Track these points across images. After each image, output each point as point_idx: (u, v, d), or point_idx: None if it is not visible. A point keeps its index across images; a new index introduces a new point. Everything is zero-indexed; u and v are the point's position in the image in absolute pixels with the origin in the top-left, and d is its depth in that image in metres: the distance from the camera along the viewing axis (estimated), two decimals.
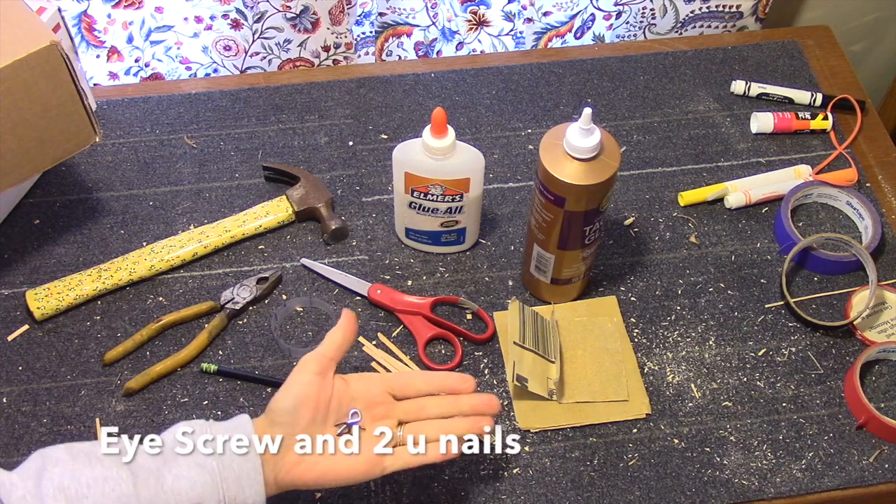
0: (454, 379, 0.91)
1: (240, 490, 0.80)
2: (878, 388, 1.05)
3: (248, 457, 0.81)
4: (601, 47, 1.37)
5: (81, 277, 1.08)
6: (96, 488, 0.76)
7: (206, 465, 0.80)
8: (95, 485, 0.76)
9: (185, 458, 0.80)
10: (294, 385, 0.84)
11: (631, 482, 0.98)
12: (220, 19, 1.29)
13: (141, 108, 1.26)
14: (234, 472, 0.80)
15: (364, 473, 0.85)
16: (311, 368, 0.85)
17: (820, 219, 1.19)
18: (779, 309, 1.11)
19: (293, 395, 0.84)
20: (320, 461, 0.84)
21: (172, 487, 0.78)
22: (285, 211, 1.14)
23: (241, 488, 0.80)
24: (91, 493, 0.76)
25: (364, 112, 1.27)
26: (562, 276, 1.06)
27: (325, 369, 0.86)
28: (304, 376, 0.85)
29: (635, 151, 1.25)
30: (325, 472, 0.84)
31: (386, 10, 1.36)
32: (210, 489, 0.79)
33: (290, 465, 0.83)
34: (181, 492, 0.78)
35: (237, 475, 0.80)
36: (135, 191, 1.18)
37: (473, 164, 1.04)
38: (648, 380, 1.05)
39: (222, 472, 0.80)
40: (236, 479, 0.80)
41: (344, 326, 0.88)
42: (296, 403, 0.83)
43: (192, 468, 0.79)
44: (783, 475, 0.99)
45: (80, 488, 0.76)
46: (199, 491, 0.79)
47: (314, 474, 0.83)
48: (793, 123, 1.26)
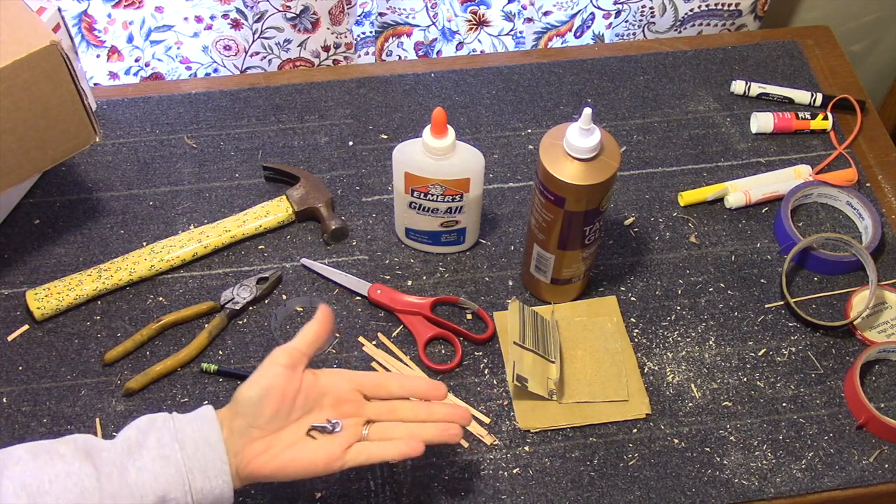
0: (426, 385, 0.90)
1: (206, 481, 0.79)
2: (878, 388, 1.05)
3: (213, 447, 0.80)
4: (601, 47, 1.37)
5: (81, 277, 1.08)
6: (59, 484, 0.76)
7: (170, 457, 0.79)
8: (58, 480, 0.76)
9: (148, 450, 0.79)
10: (262, 376, 0.83)
11: (631, 482, 0.98)
12: (220, 19, 1.29)
13: (141, 108, 1.26)
14: (199, 462, 0.79)
15: (324, 467, 0.84)
16: (281, 360, 0.84)
17: (820, 219, 1.19)
18: (779, 309, 1.11)
19: (260, 386, 0.83)
20: (281, 454, 0.83)
21: (136, 481, 0.77)
22: (285, 211, 1.14)
23: (207, 479, 0.79)
24: (53, 488, 0.75)
25: (364, 112, 1.27)
26: (562, 276, 1.06)
27: (295, 363, 0.85)
28: (272, 368, 0.84)
29: (635, 151, 1.25)
30: (285, 464, 0.83)
31: (386, 10, 1.36)
32: (175, 481, 0.78)
33: (250, 457, 0.82)
34: (145, 485, 0.77)
35: (202, 466, 0.79)
36: (135, 191, 1.18)
37: (473, 164, 1.04)
38: (648, 380, 1.05)
39: (187, 464, 0.79)
40: (202, 469, 0.79)
41: (319, 321, 0.87)
42: (261, 394, 0.82)
43: (156, 461, 0.79)
44: (783, 475, 0.99)
45: (42, 485, 0.75)
46: (164, 483, 0.78)
47: (274, 466, 0.83)
48: (793, 123, 1.26)
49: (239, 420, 0.82)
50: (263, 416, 0.82)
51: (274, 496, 0.96)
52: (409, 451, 0.85)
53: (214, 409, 0.83)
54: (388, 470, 0.98)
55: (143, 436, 0.80)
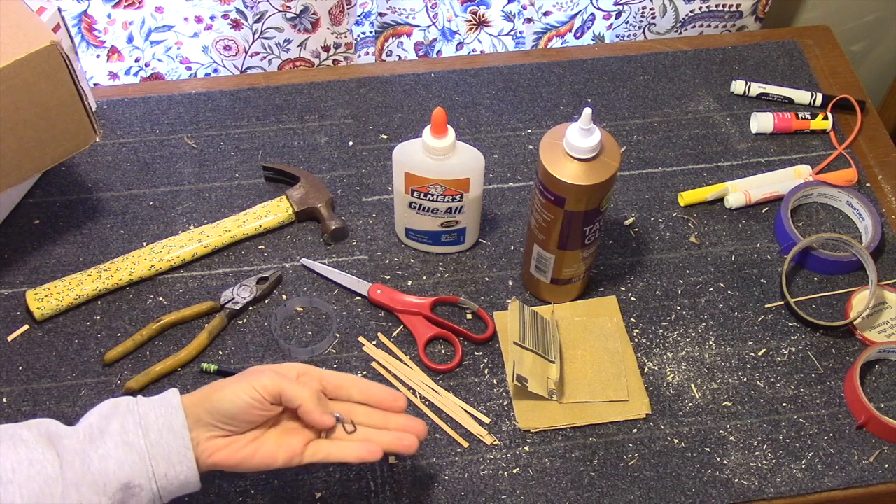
0: (387, 394, 0.87)
1: (170, 467, 0.79)
2: (878, 388, 1.05)
3: (176, 434, 0.79)
4: (601, 47, 1.37)
5: (81, 277, 1.08)
6: (21, 472, 0.75)
7: (133, 444, 0.78)
8: (20, 468, 0.75)
9: (111, 437, 0.78)
10: (245, 399, 0.81)
11: (631, 482, 0.98)
12: (220, 19, 1.29)
13: (141, 108, 1.26)
14: (162, 449, 0.79)
15: (284, 462, 0.83)
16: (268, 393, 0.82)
17: (820, 219, 1.19)
18: (779, 309, 1.11)
19: (238, 406, 0.81)
20: (243, 448, 0.82)
21: (99, 468, 0.77)
22: (285, 211, 1.14)
23: (171, 465, 0.79)
24: (16, 477, 0.75)
25: (364, 112, 1.27)
26: (562, 276, 1.06)
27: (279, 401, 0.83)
28: (259, 398, 0.81)
29: (635, 151, 1.25)
30: (246, 458, 0.82)
31: (386, 10, 1.36)
32: (139, 468, 0.78)
33: (213, 450, 0.81)
34: (108, 472, 0.77)
35: (166, 452, 0.79)
36: (135, 191, 1.18)
37: (473, 164, 1.04)
38: (648, 380, 1.05)
39: (151, 451, 0.78)
40: (165, 456, 0.79)
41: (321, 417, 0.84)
42: (236, 413, 0.81)
43: (119, 447, 0.78)
44: (783, 475, 0.99)
45: (5, 473, 0.75)
46: (128, 470, 0.77)
47: (236, 460, 0.82)
48: (793, 123, 1.26)
49: (206, 417, 0.81)
50: (233, 426, 0.82)
51: (274, 496, 0.96)
52: (367, 456, 0.84)
53: (180, 394, 0.82)
54: (388, 470, 0.98)
55: (106, 422, 0.80)
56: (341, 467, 0.97)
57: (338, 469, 0.97)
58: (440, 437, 1.00)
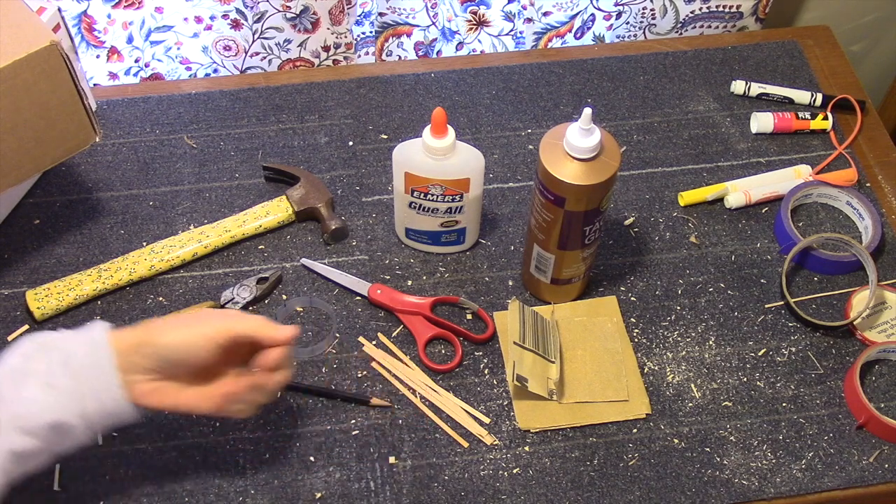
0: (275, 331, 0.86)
1: (100, 405, 0.78)
2: (878, 388, 1.05)
3: (105, 372, 0.78)
4: (601, 47, 1.37)
5: (81, 277, 1.08)
6: None
7: (58, 384, 0.77)
8: None
9: (36, 378, 0.77)
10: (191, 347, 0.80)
11: (631, 482, 0.98)
12: (220, 19, 1.29)
13: (141, 108, 1.26)
14: (90, 388, 0.78)
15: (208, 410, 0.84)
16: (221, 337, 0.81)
17: (820, 219, 1.19)
18: (779, 309, 1.11)
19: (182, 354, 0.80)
20: (170, 393, 0.82)
21: (27, 411, 0.76)
22: (285, 211, 1.14)
23: (101, 402, 0.78)
24: None
25: (364, 112, 1.27)
26: (562, 276, 1.06)
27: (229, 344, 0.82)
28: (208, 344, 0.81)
29: (635, 151, 1.25)
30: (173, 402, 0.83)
31: (386, 10, 1.36)
32: (68, 406, 0.77)
33: (138, 393, 0.81)
34: (34, 414, 0.76)
35: (94, 389, 0.78)
36: (135, 191, 1.18)
37: (473, 164, 1.04)
38: (648, 380, 1.05)
39: (79, 389, 0.77)
40: (94, 395, 0.78)
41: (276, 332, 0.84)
42: (185, 359, 0.81)
43: (43, 389, 0.77)
44: (783, 475, 0.99)
45: None
46: (57, 411, 0.77)
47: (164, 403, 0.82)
48: (793, 123, 1.26)
49: (145, 361, 0.80)
50: (169, 371, 0.81)
51: (274, 496, 0.96)
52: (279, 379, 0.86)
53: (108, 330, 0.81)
54: (388, 470, 0.98)
55: (31, 362, 0.79)
56: (342, 467, 0.98)
57: (338, 469, 0.97)
58: (440, 437, 1.00)
